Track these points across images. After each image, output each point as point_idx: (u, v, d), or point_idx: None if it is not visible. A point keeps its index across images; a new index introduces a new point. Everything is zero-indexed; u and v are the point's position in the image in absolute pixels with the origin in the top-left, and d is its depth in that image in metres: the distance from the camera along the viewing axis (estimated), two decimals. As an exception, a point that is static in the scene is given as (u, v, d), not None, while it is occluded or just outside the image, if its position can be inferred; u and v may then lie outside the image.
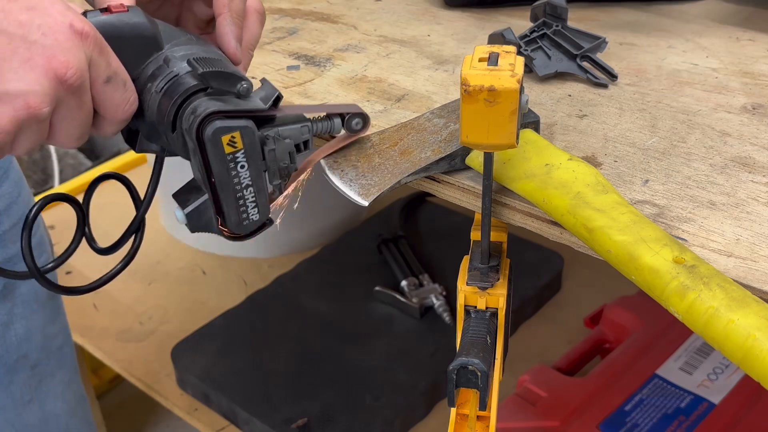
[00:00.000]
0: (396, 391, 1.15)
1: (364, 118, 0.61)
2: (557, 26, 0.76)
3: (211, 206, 0.55)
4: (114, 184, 0.60)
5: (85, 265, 1.43)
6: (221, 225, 0.56)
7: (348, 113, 0.60)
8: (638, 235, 0.50)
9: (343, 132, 0.61)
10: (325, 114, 0.59)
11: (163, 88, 0.54)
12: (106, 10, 0.54)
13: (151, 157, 1.27)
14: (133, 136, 0.58)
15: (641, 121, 0.68)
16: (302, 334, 1.26)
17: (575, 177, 0.56)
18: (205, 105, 0.52)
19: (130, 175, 0.61)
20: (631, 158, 0.63)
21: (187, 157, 0.55)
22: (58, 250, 0.58)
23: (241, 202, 0.54)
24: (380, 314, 1.30)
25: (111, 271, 0.59)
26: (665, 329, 1.16)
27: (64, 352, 0.96)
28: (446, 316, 1.26)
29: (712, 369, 1.10)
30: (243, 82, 0.53)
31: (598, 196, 0.54)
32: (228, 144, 0.52)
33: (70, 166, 2.10)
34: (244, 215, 0.55)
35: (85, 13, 0.53)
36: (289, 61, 0.81)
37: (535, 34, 0.76)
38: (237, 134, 0.52)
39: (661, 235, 0.51)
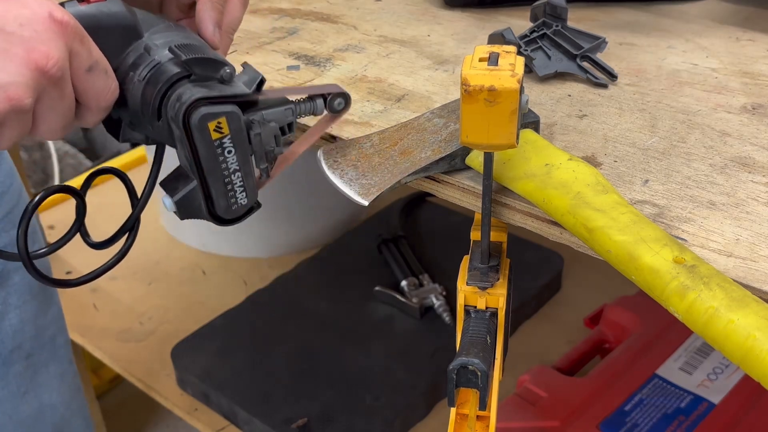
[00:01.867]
0: (396, 391, 1.15)
1: (346, 98, 0.60)
2: (557, 26, 0.76)
3: (200, 193, 0.55)
4: (115, 185, 0.60)
5: (86, 266, 1.43)
6: (210, 210, 0.56)
7: (329, 93, 0.60)
8: (638, 235, 0.50)
9: (325, 113, 0.61)
10: (307, 95, 0.59)
11: (145, 76, 0.54)
12: (83, 0, 0.54)
13: (151, 156, 1.27)
14: (115, 125, 0.58)
15: (641, 121, 0.68)
16: (302, 334, 1.26)
17: (575, 177, 0.56)
18: (190, 92, 0.52)
19: (130, 175, 0.61)
20: (631, 158, 0.63)
21: (172, 144, 0.56)
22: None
23: (229, 187, 0.55)
24: (380, 314, 1.30)
25: (103, 265, 0.59)
26: (665, 329, 1.16)
27: (57, 343, 0.96)
28: (446, 316, 1.26)
29: (712, 369, 1.10)
30: (226, 68, 0.53)
31: (598, 196, 0.54)
32: (215, 130, 0.53)
33: (70, 166, 2.10)
34: (233, 200, 0.56)
35: (62, 5, 0.52)
36: (289, 61, 0.81)
37: (535, 34, 0.76)
38: (223, 120, 0.53)
39: (661, 235, 0.51)
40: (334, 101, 0.60)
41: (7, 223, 0.84)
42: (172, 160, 0.57)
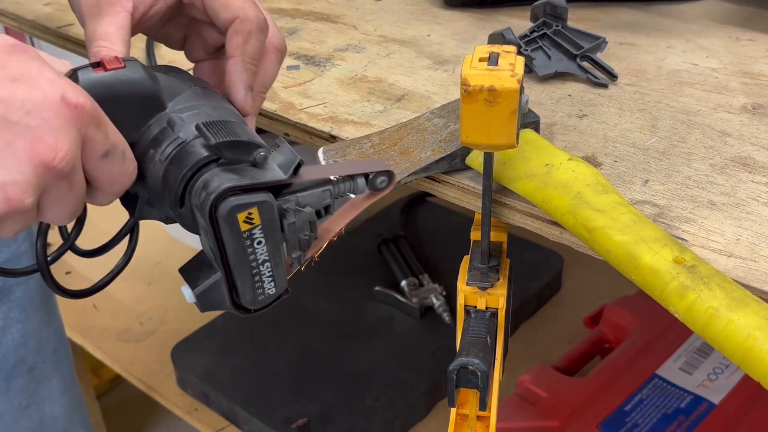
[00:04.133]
0: (396, 391, 1.15)
1: (390, 176, 0.54)
2: (557, 26, 0.76)
3: (224, 284, 0.50)
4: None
5: (86, 266, 1.43)
6: (234, 302, 0.52)
7: (372, 171, 0.53)
8: (638, 235, 0.50)
9: (366, 191, 0.54)
10: (347, 174, 0.53)
11: (169, 155, 0.48)
12: (99, 65, 0.48)
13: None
14: (131, 200, 0.53)
15: (641, 121, 0.68)
16: (302, 334, 1.26)
17: (575, 177, 0.56)
18: (218, 179, 0.46)
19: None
20: (631, 158, 0.63)
21: (196, 232, 0.50)
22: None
23: (257, 278, 0.50)
24: (380, 314, 1.30)
25: (109, 273, 0.56)
26: (665, 329, 1.16)
27: (60, 356, 0.96)
28: (446, 316, 1.26)
29: (712, 369, 1.10)
30: (260, 150, 0.48)
31: (598, 196, 0.54)
32: (244, 221, 0.47)
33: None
34: (260, 291, 0.50)
35: (75, 72, 0.47)
36: (289, 61, 0.81)
37: (535, 34, 0.76)
38: (254, 210, 0.47)
39: (661, 235, 0.51)
40: (377, 179, 0.53)
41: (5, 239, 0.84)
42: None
